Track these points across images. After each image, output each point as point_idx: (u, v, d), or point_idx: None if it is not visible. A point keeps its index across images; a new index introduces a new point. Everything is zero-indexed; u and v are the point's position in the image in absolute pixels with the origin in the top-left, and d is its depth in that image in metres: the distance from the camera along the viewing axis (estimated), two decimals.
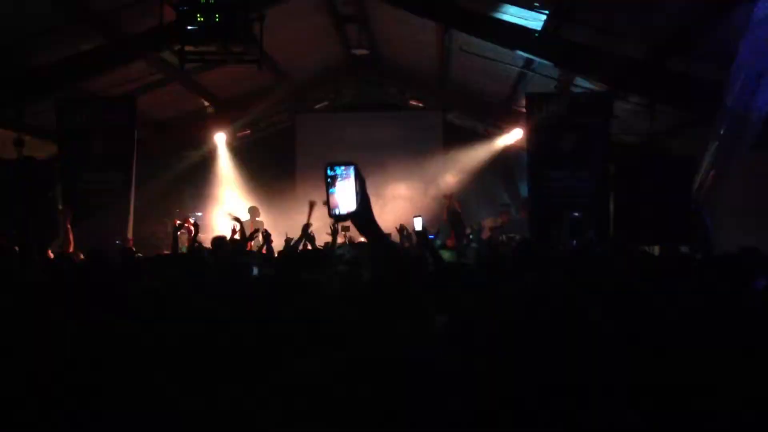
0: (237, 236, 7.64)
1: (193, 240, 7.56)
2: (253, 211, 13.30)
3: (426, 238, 5.18)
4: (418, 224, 5.12)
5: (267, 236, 7.73)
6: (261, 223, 12.42)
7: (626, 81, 9.83)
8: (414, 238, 5.53)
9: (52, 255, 7.21)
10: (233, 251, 7.30)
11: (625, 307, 2.68)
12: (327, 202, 1.88)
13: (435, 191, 14.78)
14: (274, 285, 2.50)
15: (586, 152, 10.33)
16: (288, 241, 8.25)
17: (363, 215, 1.90)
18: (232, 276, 4.42)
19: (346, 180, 1.88)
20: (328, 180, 1.88)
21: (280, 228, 10.93)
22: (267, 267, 5.12)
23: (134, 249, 9.47)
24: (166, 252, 8.97)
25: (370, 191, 1.98)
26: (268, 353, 2.23)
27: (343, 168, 1.88)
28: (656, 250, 9.30)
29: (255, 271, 4.73)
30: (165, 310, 3.04)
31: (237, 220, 7.73)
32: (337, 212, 1.88)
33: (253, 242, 8.21)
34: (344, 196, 1.87)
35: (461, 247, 7.84)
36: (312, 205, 10.02)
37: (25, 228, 8.70)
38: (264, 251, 7.57)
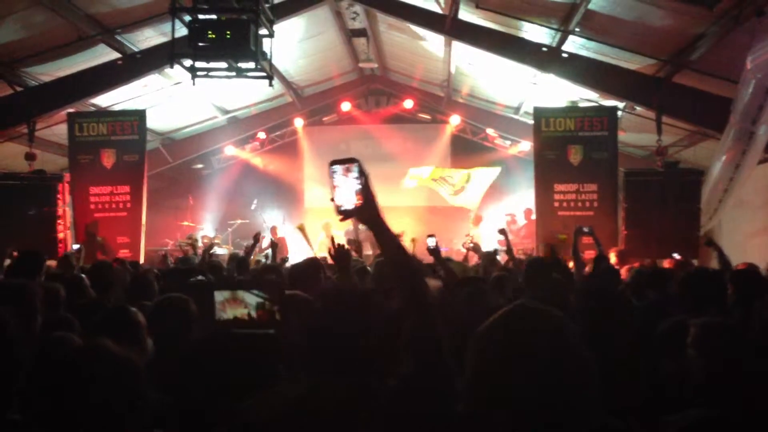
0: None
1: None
2: (272, 230, 13.57)
3: (439, 256, 5.17)
4: (431, 243, 5.10)
5: (273, 246, 7.93)
6: (282, 239, 12.69)
7: (634, 95, 9.88)
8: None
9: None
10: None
11: None
12: (333, 200, 1.92)
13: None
14: None
15: (593, 165, 10.36)
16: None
17: (368, 210, 1.92)
18: None
19: (350, 177, 1.91)
20: (333, 178, 1.92)
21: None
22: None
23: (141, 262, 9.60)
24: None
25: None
26: None
27: (346, 165, 1.92)
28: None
29: None
30: None
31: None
32: (343, 209, 1.91)
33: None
34: (349, 192, 1.91)
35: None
36: (302, 229, 10.17)
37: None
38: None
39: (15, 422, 1.97)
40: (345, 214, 1.92)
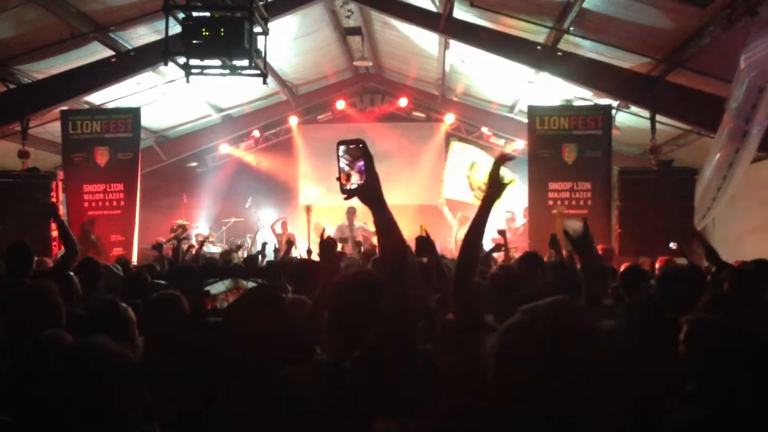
0: None
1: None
2: (283, 225, 13.62)
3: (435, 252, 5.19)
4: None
5: (289, 244, 8.13)
6: (291, 235, 12.77)
7: (628, 93, 9.89)
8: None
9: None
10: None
11: None
12: (339, 179, 1.97)
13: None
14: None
15: (587, 164, 10.37)
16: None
17: (370, 190, 1.96)
18: None
19: (356, 156, 1.96)
20: (339, 157, 1.97)
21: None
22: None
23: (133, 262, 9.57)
24: None
25: None
26: None
27: (352, 145, 1.97)
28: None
29: None
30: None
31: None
32: (348, 188, 1.96)
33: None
34: (353, 172, 1.96)
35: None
36: (309, 210, 10.28)
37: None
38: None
39: (5, 423, 1.94)
40: (349, 193, 1.97)
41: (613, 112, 10.73)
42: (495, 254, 7.59)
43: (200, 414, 2.40)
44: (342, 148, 1.97)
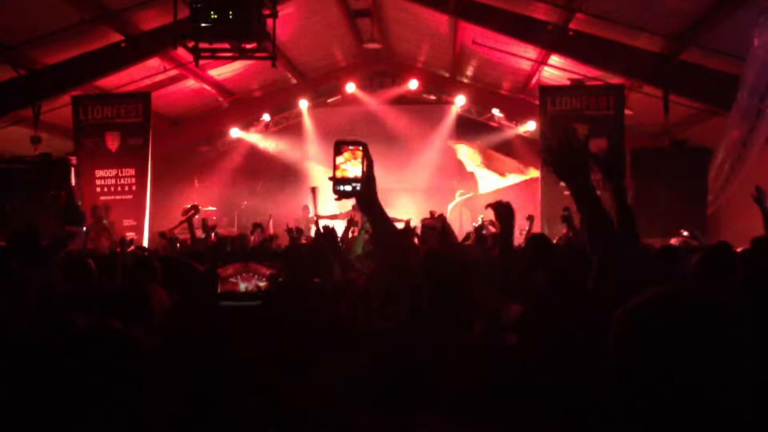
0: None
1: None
2: (304, 209, 13.70)
3: (450, 234, 5.22)
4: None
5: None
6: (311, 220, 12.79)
7: (641, 73, 9.80)
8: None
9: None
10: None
11: None
12: (333, 179, 1.91)
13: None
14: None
15: (599, 144, 10.29)
16: (290, 231, 8.53)
17: (367, 195, 1.92)
18: None
19: (354, 159, 1.90)
20: (336, 157, 1.91)
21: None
22: None
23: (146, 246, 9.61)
24: None
25: (382, 184, 2.01)
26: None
27: (351, 147, 1.90)
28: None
29: None
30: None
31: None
32: (341, 189, 1.90)
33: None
34: (350, 174, 1.90)
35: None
36: (315, 192, 10.27)
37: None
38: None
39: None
40: (341, 195, 1.92)
41: (626, 91, 10.63)
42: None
43: (220, 399, 2.41)
44: (340, 148, 1.91)
